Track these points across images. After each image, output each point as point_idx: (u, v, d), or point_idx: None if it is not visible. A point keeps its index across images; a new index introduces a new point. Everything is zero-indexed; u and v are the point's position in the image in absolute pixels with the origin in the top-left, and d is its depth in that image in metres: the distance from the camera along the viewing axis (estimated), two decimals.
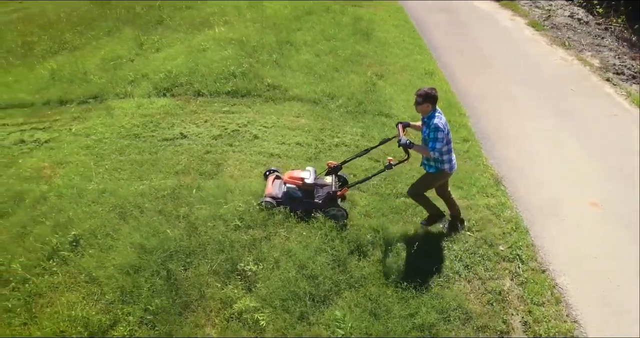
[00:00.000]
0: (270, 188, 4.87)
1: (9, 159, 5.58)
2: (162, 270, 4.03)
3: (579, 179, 6.12)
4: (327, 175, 4.97)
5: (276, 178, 5.03)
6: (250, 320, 3.79)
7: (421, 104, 4.27)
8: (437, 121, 4.24)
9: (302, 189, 4.75)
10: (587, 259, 4.89)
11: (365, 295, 4.17)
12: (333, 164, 4.93)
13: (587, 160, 6.52)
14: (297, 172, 4.83)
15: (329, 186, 4.81)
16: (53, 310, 3.77)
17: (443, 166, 4.48)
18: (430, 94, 4.21)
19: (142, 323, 3.67)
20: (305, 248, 4.47)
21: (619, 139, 7.10)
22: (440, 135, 4.20)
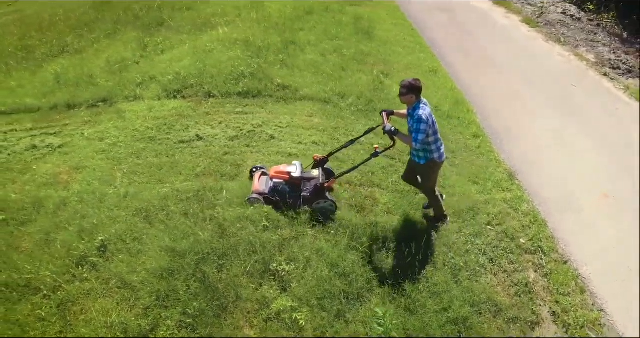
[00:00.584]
0: (257, 185, 4.84)
1: (22, 165, 5.46)
2: (196, 273, 3.99)
3: (587, 172, 6.24)
4: (314, 168, 4.93)
5: (262, 175, 5.01)
6: (289, 320, 3.79)
7: (405, 95, 4.23)
8: (421, 112, 4.20)
9: (289, 183, 4.73)
10: (606, 249, 5.00)
11: (398, 291, 4.20)
12: (319, 157, 4.91)
13: (593, 153, 6.66)
14: (283, 167, 4.80)
15: (316, 179, 4.78)
16: (88, 317, 3.71)
17: (432, 155, 4.46)
18: (414, 85, 4.18)
19: (182, 327, 3.64)
20: (334, 246, 4.48)
21: (622, 131, 7.26)
22: (423, 126, 4.15)
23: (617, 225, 5.29)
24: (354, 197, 5.20)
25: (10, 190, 5.00)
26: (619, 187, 5.92)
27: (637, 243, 5.02)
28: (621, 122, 7.56)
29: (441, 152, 4.50)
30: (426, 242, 4.70)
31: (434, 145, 4.41)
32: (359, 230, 4.69)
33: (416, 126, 4.19)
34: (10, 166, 5.45)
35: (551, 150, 6.68)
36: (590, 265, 4.80)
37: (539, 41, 10.89)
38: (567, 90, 8.54)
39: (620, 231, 5.22)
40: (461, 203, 5.40)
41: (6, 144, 5.83)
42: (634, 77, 9.26)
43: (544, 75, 9.12)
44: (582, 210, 5.56)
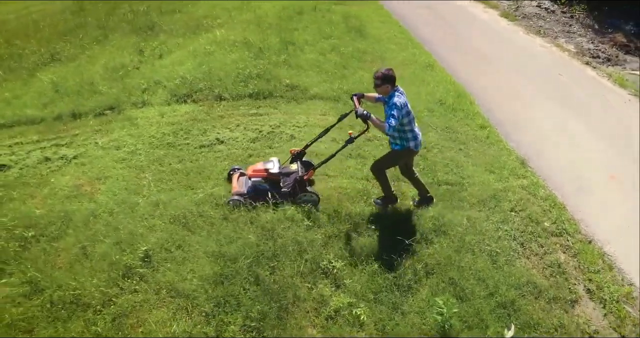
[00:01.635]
0: (236, 186, 4.75)
1: (38, 178, 5.21)
2: (250, 276, 3.95)
3: (590, 156, 6.56)
4: (292, 162, 4.89)
5: (241, 176, 4.90)
6: (350, 316, 3.80)
7: (380, 86, 4.31)
8: (396, 100, 4.26)
9: (269, 180, 4.66)
10: (624, 227, 5.28)
11: (444, 280, 4.29)
12: (296, 150, 4.88)
13: (591, 138, 7.00)
14: (260, 165, 4.74)
15: (295, 173, 4.73)
16: (147, 329, 3.61)
17: (408, 143, 4.47)
18: (387, 75, 4.24)
19: (247, 331, 3.59)
20: (377, 241, 4.52)
21: (614, 116, 7.67)
22: (396, 112, 4.18)
23: (629, 204, 5.59)
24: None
25: (32, 205, 4.76)
26: (622, 168, 6.26)
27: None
28: (611, 107, 7.98)
29: (418, 141, 4.51)
30: (459, 231, 4.82)
31: (410, 134, 4.44)
32: (398, 223, 4.76)
33: (389, 111, 4.25)
34: (25, 180, 5.19)
35: (554, 137, 6.98)
36: (612, 243, 5.06)
37: (519, 34, 11.32)
38: (556, 80, 8.92)
39: (630, 209, 5.51)
40: (482, 192, 5.56)
41: (15, 157, 5.54)
42: (613, 65, 9.78)
43: (531, 66, 9.49)
44: (594, 192, 5.85)
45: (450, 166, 5.97)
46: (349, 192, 5.14)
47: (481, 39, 10.71)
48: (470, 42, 10.45)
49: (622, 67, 9.66)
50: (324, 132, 4.84)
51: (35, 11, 11.50)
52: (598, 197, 5.75)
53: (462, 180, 5.74)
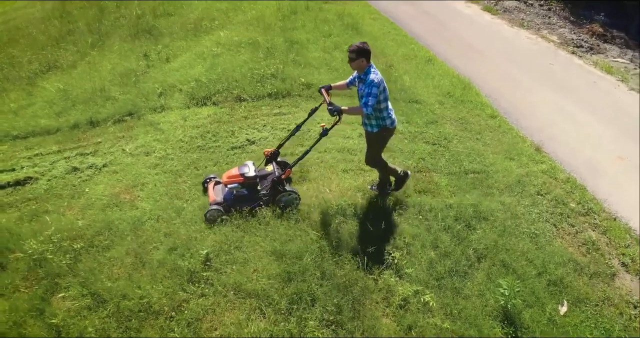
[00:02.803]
0: (212, 195, 4.54)
1: (70, 189, 5.02)
2: (316, 272, 3.97)
3: (596, 139, 6.93)
4: (267, 164, 4.75)
5: (216, 184, 4.72)
6: (419, 304, 3.90)
7: (355, 60, 4.07)
8: (373, 77, 4.06)
9: (246, 185, 4.48)
10: None
11: (496, 263, 4.45)
12: (269, 151, 4.77)
13: (592, 122, 7.39)
14: (235, 170, 4.52)
15: (272, 174, 4.59)
16: (225, 332, 3.58)
17: (385, 122, 4.33)
18: (362, 48, 4.03)
19: (326, 325, 3.62)
20: (427, 230, 4.64)
21: (607, 100, 8.11)
22: (374, 90, 4.02)
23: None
24: (418, 183, 5.38)
25: (71, 217, 4.60)
26: (627, 149, 6.64)
27: None
28: (603, 92, 8.43)
29: (392, 117, 4.37)
30: (497, 216, 5.00)
31: (385, 112, 4.29)
32: (441, 212, 4.89)
33: (367, 90, 4.05)
34: (57, 192, 5.00)
35: (559, 122, 7.31)
36: (635, 220, 5.38)
37: (504, 27, 11.73)
38: (548, 69, 9.32)
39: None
40: (507, 179, 5.77)
41: (40, 169, 5.31)
42: (596, 53, 10.30)
43: (522, 57, 9.87)
44: (607, 172, 6.18)
45: (473, 155, 6.16)
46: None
47: (470, 32, 11.03)
48: (461, 36, 10.75)
49: (605, 56, 10.19)
50: (295, 130, 4.70)
51: (16, 17, 10.99)
52: (613, 177, 6.08)
53: (486, 168, 5.93)
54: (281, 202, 4.54)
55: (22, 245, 4.23)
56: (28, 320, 3.68)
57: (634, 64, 9.81)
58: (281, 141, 4.86)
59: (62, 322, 3.61)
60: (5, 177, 5.21)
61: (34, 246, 4.18)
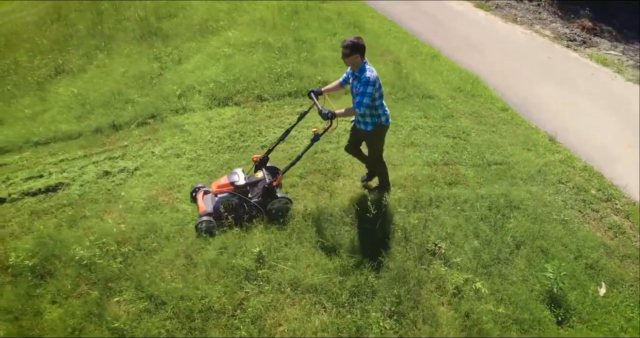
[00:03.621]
0: (202, 206, 4.39)
1: (105, 193, 4.95)
2: (371, 265, 4.04)
3: (604, 128, 7.20)
4: (257, 170, 4.59)
5: (205, 194, 4.56)
6: (471, 291, 4.01)
7: (349, 56, 3.92)
8: (369, 74, 3.92)
9: (237, 194, 4.33)
10: None
11: (534, 249, 4.60)
12: (259, 157, 4.61)
13: (596, 111, 7.69)
14: (224, 179, 4.38)
15: (262, 181, 4.44)
16: (290, 327, 3.61)
17: (380, 119, 4.24)
18: (357, 43, 3.88)
19: (389, 316, 3.69)
20: (467, 220, 4.76)
21: (607, 90, 8.44)
22: (370, 89, 3.89)
23: None
24: (446, 176, 5.50)
25: (112, 222, 4.53)
26: (634, 137, 6.92)
27: None
28: (602, 84, 8.74)
29: (387, 114, 4.28)
30: (532, 204, 5.17)
31: (381, 109, 4.19)
32: (475, 203, 5.02)
33: (363, 89, 3.92)
34: (91, 197, 4.92)
35: (567, 114, 7.56)
36: None
37: (499, 23, 12.00)
38: (547, 62, 9.60)
39: None
40: (528, 169, 5.95)
41: (69, 174, 5.21)
42: (589, 46, 10.65)
43: (520, 51, 10.13)
44: (621, 159, 6.44)
45: (492, 147, 6.31)
46: (419, 178, 5.33)
47: (467, 29, 11.25)
48: (459, 32, 10.95)
49: (597, 49, 10.56)
50: (284, 135, 4.59)
51: (7, 21, 10.68)
52: (626, 163, 6.33)
53: (507, 159, 6.10)
54: (273, 208, 4.41)
55: (67, 251, 4.16)
56: (87, 325, 3.63)
57: (627, 56, 10.20)
58: (270, 146, 4.71)
59: (125, 326, 3.57)
60: (35, 183, 5.10)
61: (80, 252, 4.12)
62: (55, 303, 3.84)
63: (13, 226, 4.62)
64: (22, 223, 4.63)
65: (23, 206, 4.87)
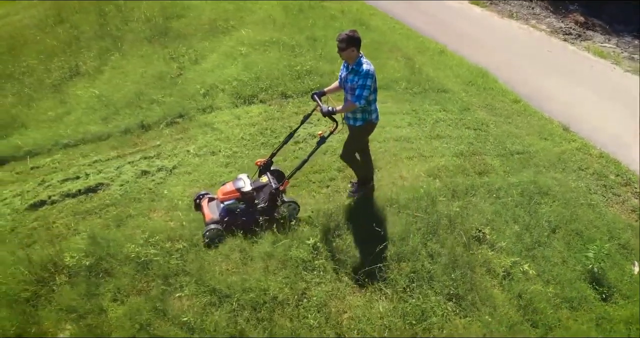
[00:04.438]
0: (208, 213, 4.30)
1: (147, 193, 4.94)
2: (424, 252, 4.17)
3: (611, 116, 7.50)
4: (261, 174, 4.50)
5: (210, 201, 4.47)
6: (520, 273, 4.18)
7: (345, 50, 3.86)
8: (367, 67, 3.88)
9: (243, 200, 4.23)
10: None
11: (570, 233, 4.81)
12: (262, 161, 4.50)
13: (602, 101, 8.00)
14: (229, 185, 4.27)
15: (268, 186, 4.34)
16: (354, 314, 3.71)
17: (371, 116, 4.17)
18: (352, 37, 3.81)
19: (450, 299, 3.83)
20: (504, 207, 4.93)
21: (608, 81, 8.78)
22: (369, 82, 3.85)
23: None
24: (475, 166, 5.67)
25: (160, 220, 4.54)
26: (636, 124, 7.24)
27: None
28: (603, 75, 9.09)
29: (377, 112, 4.25)
30: (560, 190, 5.38)
31: (373, 105, 4.15)
32: (508, 190, 5.20)
33: (362, 81, 3.86)
34: (134, 196, 4.91)
35: (575, 104, 7.84)
36: None
37: (495, 18, 12.30)
38: (547, 56, 9.91)
39: None
40: (548, 157, 6.19)
41: (107, 175, 5.18)
42: (584, 39, 11.02)
43: (520, 46, 10.43)
44: (631, 145, 6.72)
45: (512, 138, 6.53)
46: (451, 168, 5.49)
47: (466, 25, 11.49)
48: (459, 28, 11.18)
49: (592, 42, 10.93)
50: (288, 138, 4.49)
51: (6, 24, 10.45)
52: (637, 150, 6.61)
53: (527, 149, 6.32)
54: (280, 213, 4.33)
55: (121, 249, 4.17)
56: (154, 321, 3.66)
57: (621, 49, 10.60)
58: (274, 150, 4.59)
59: (193, 319, 3.61)
60: (74, 185, 5.06)
61: (135, 250, 4.13)
62: (117, 301, 3.85)
63: (59, 228, 4.59)
64: (68, 225, 4.60)
65: (65, 208, 4.84)
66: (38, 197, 4.92)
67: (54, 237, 4.45)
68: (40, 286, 3.92)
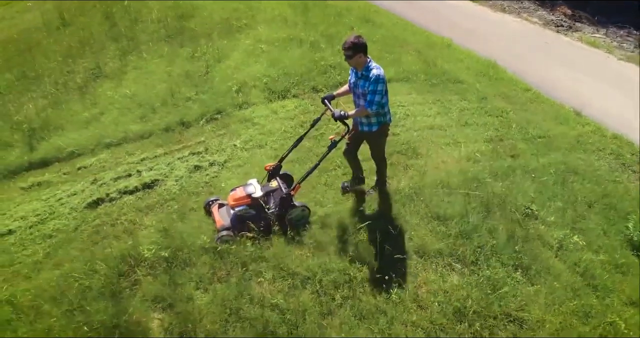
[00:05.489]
0: (219, 219, 4.28)
1: (204, 186, 5.01)
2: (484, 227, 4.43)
3: (615, 101, 7.95)
4: (270, 179, 4.48)
5: (220, 207, 4.44)
6: (571, 244, 4.49)
7: (353, 57, 3.82)
8: (376, 72, 3.83)
9: (253, 206, 4.22)
10: None
11: (604, 207, 5.16)
12: (271, 166, 4.47)
13: (605, 88, 8.45)
14: (240, 191, 4.24)
15: (277, 190, 4.34)
16: (431, 288, 3.94)
17: (385, 118, 4.16)
18: (357, 43, 3.75)
19: (516, 269, 4.11)
20: (543, 185, 5.26)
21: (605, 69, 9.27)
22: (380, 87, 3.83)
23: None
24: (506, 149, 5.98)
25: None
26: None
27: None
28: (599, 63, 9.59)
29: (390, 113, 4.27)
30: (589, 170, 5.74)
31: (387, 107, 4.14)
32: (543, 170, 5.53)
33: (372, 87, 3.83)
34: (191, 190, 4.99)
35: (582, 91, 8.25)
36: None
37: (489, 12, 12.74)
38: (545, 46, 10.37)
39: None
40: (567, 140, 6.55)
41: (158, 172, 5.24)
42: (575, 31, 11.57)
43: (519, 38, 10.87)
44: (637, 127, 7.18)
45: (531, 123, 6.87)
46: (485, 152, 5.79)
47: (464, 19, 11.86)
48: (458, 23, 11.52)
49: (583, 33, 11.48)
50: (297, 142, 4.48)
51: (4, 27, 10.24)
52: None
53: (547, 133, 6.67)
54: (291, 217, 4.33)
55: (195, 240, 4.27)
56: (242, 305, 3.79)
57: (610, 39, 11.17)
58: (283, 154, 4.56)
59: (283, 301, 3.77)
60: (128, 182, 5.11)
61: (208, 240, 4.24)
62: (200, 289, 3.96)
63: (124, 224, 4.65)
64: (132, 220, 4.67)
65: (124, 204, 4.89)
66: (95, 196, 4.95)
67: (120, 232, 4.52)
68: (123, 279, 3.99)
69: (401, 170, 5.29)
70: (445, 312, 3.73)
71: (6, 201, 5.08)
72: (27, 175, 5.48)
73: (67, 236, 4.55)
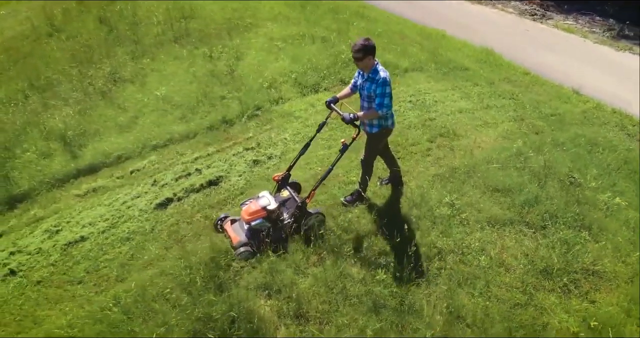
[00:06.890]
0: (234, 236, 4.15)
1: (269, 179, 5.08)
2: (542, 195, 4.83)
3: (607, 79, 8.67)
4: (280, 189, 4.42)
5: (232, 223, 4.32)
6: (615, 205, 4.96)
7: (362, 59, 3.79)
8: (383, 74, 3.83)
9: (268, 218, 4.12)
10: None
11: (628, 171, 5.72)
12: (280, 176, 4.40)
13: (592, 70, 9.19)
14: (253, 205, 4.10)
15: (291, 200, 4.27)
16: (511, 253, 4.27)
17: (387, 122, 4.13)
18: (367, 45, 3.74)
19: (578, 231, 4.51)
20: (576, 155, 5.75)
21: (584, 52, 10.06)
22: (388, 89, 3.84)
23: None
24: (530, 127, 6.46)
25: None
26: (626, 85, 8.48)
27: None
28: (579, 47, 10.38)
29: (393, 117, 4.22)
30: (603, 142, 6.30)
31: (390, 110, 4.12)
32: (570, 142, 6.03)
33: (380, 90, 3.84)
34: (257, 183, 5.04)
35: (573, 73, 8.93)
36: None
37: (467, 4, 13.38)
38: (526, 34, 11.09)
39: None
40: (575, 116, 7.14)
41: (218, 168, 5.25)
42: (548, 18, 12.41)
43: (500, 27, 11.53)
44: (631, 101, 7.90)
45: (540, 103, 7.41)
46: (514, 131, 6.22)
47: (449, 12, 12.42)
48: (444, 15, 12.04)
49: (556, 20, 12.35)
50: (304, 149, 4.44)
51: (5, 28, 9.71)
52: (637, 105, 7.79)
53: (556, 111, 7.23)
54: (307, 225, 4.26)
55: None
56: (347, 283, 3.94)
57: (580, 25, 12.08)
58: (290, 163, 4.48)
59: (386, 276, 3.96)
60: (191, 180, 5.11)
61: None
62: (299, 274, 4.08)
63: (200, 220, 4.67)
64: (208, 216, 4.69)
65: (194, 202, 4.90)
66: (162, 196, 4.92)
67: (202, 228, 4.54)
68: (222, 272, 4.04)
69: (449, 151, 5.61)
70: (532, 272, 4.06)
71: (65, 209, 4.94)
72: (77, 182, 5.33)
73: (145, 237, 4.52)
